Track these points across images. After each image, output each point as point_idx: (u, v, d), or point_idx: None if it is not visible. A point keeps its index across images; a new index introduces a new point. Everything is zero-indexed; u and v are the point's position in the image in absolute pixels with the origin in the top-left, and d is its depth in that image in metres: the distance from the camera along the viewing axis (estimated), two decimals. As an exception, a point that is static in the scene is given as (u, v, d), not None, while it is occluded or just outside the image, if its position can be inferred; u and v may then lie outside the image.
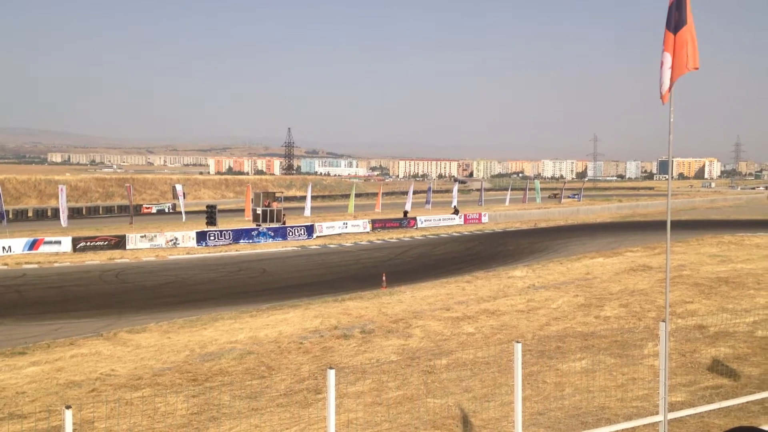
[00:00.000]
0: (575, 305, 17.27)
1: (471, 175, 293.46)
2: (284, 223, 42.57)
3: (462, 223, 52.87)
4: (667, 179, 8.59)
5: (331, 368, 5.99)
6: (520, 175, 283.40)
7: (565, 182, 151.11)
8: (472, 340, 13.92)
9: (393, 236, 44.14)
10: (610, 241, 37.73)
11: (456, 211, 55.67)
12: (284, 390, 10.54)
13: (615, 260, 26.83)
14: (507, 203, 76.63)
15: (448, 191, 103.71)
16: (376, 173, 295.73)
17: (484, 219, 55.03)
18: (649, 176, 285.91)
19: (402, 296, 20.03)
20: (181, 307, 20.02)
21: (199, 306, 20.13)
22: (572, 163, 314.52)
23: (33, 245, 33.13)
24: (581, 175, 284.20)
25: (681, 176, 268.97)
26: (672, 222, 8.13)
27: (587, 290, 19.54)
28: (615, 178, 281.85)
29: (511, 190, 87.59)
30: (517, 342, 6.80)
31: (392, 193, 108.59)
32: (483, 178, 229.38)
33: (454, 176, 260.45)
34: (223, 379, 11.35)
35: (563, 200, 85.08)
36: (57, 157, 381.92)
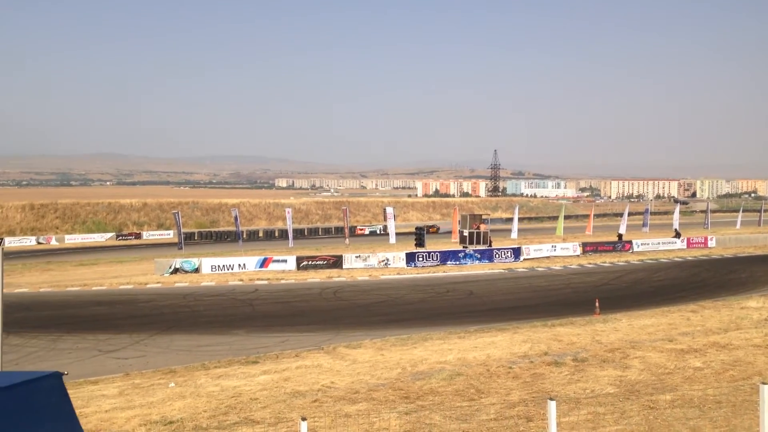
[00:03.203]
0: (828, 344, 15.00)
1: (693, 195, 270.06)
2: (491, 245, 42.47)
3: (684, 247, 48.80)
4: None
5: (551, 399, 5.78)
6: (753, 195, 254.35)
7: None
8: (699, 375, 12.66)
9: (606, 260, 41.95)
10: None
11: (677, 234, 51.51)
12: (494, 414, 10.39)
13: None
14: (738, 226, 69.32)
15: (668, 213, 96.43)
16: (585, 194, 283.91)
17: (711, 243, 50.30)
18: None
19: (618, 324, 18.89)
20: (393, 326, 20.82)
21: (409, 325, 20.76)
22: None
23: (263, 263, 36.72)
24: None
25: None
26: None
27: (844, 327, 16.89)
28: None
29: (743, 211, 78.71)
30: (764, 384, 6.04)
31: (604, 215, 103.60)
32: (708, 198, 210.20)
33: (673, 197, 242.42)
34: (434, 398, 11.49)
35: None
36: (283, 183, 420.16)
